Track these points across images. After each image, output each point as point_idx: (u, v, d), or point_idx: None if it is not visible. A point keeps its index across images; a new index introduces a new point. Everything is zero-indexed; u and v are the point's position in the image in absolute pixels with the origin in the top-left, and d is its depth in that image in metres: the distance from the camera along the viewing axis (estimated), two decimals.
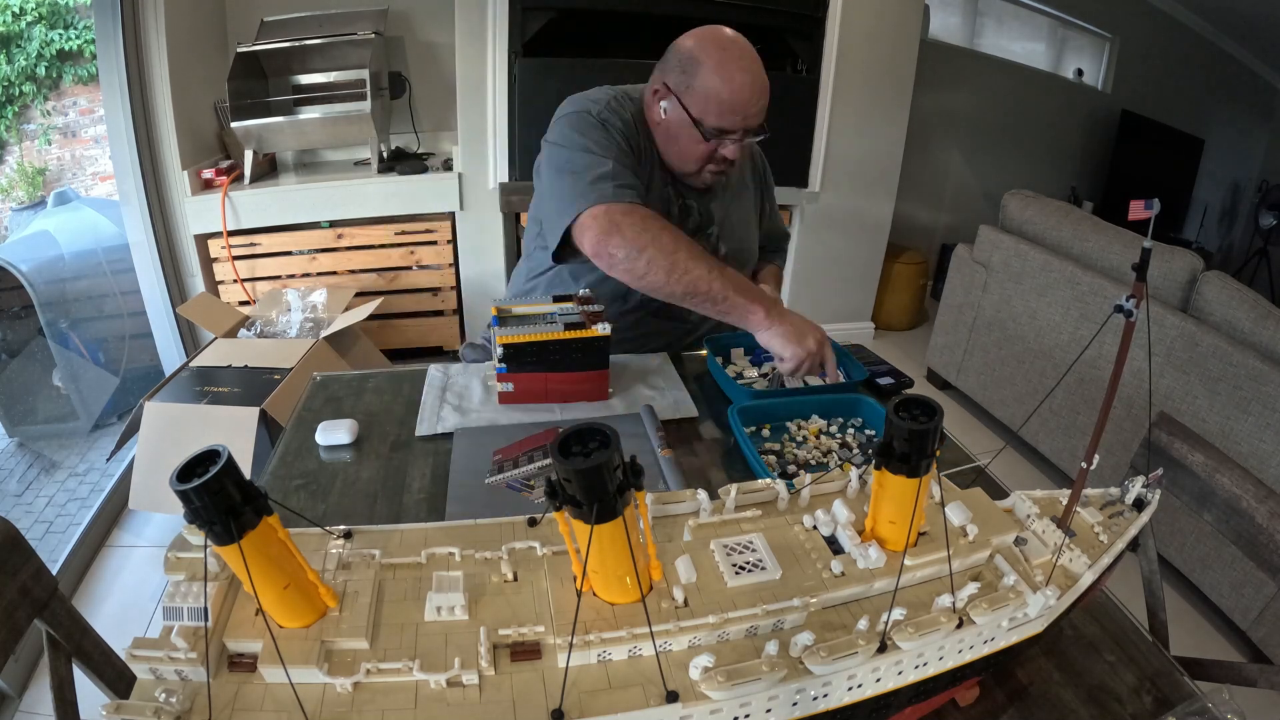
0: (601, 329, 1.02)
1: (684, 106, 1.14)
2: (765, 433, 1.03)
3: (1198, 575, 1.85)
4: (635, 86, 1.26)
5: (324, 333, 2.18)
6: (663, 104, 1.17)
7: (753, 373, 1.20)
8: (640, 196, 1.10)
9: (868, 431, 1.05)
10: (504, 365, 1.03)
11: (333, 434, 0.99)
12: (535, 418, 1.04)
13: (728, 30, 1.16)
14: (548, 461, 0.89)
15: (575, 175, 1.09)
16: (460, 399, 1.09)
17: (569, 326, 1.03)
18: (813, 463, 0.97)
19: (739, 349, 1.25)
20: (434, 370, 1.16)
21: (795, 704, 0.50)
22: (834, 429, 1.05)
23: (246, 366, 1.95)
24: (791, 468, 0.95)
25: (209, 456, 0.43)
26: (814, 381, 1.15)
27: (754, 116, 1.15)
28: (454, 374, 1.16)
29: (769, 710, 0.49)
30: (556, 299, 1.11)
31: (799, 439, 1.02)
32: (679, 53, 1.15)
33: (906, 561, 0.55)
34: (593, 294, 1.12)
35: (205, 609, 0.47)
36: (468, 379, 1.14)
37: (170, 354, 2.58)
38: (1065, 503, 0.64)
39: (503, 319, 1.05)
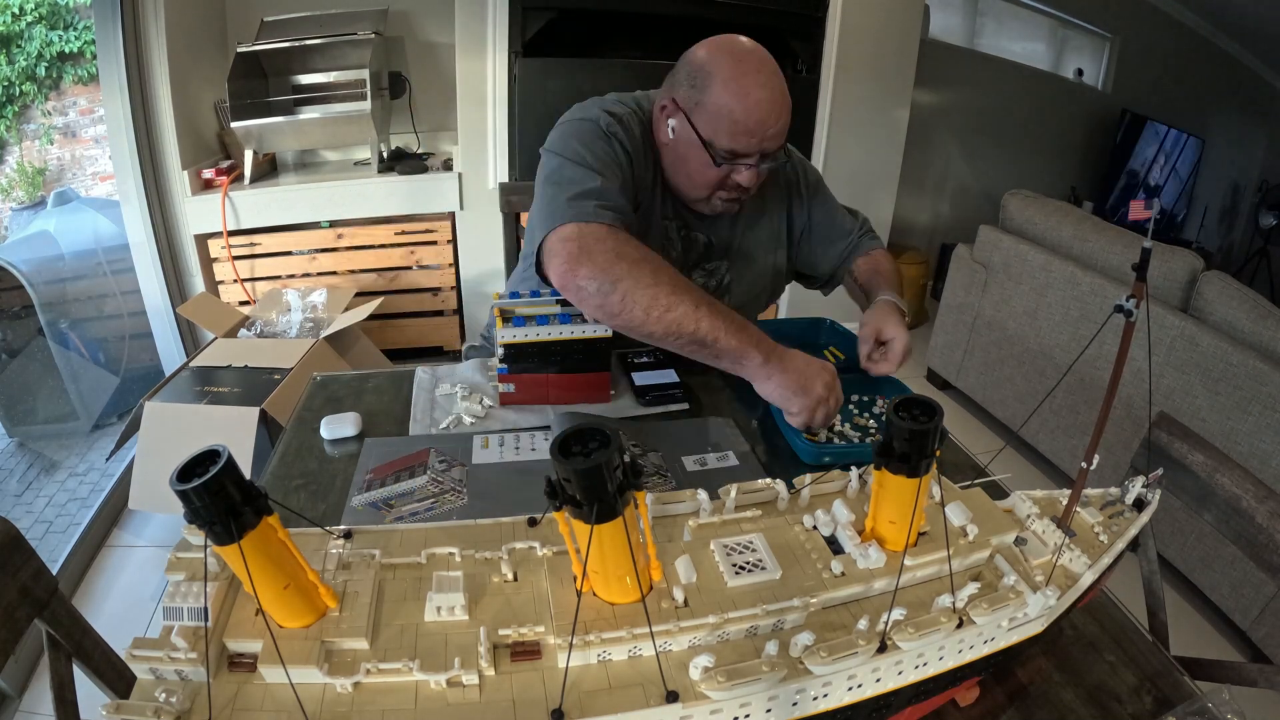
0: (602, 330, 1.02)
1: (693, 126, 1.03)
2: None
3: (1198, 575, 1.85)
4: (650, 94, 1.15)
5: (324, 333, 2.18)
6: (670, 122, 1.06)
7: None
8: (627, 221, 0.97)
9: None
10: (504, 366, 1.03)
11: (338, 427, 0.99)
12: (525, 420, 1.04)
13: (745, 40, 1.04)
14: (413, 482, 0.88)
15: (558, 188, 0.97)
16: (450, 400, 1.08)
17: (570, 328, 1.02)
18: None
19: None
20: (421, 372, 1.16)
21: (795, 704, 0.50)
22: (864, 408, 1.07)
23: (246, 366, 1.95)
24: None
25: (209, 456, 0.43)
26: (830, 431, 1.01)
27: (772, 139, 1.04)
28: (441, 375, 1.16)
29: (769, 710, 0.49)
30: (562, 302, 1.10)
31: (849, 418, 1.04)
32: (690, 65, 1.04)
33: (906, 561, 0.55)
34: None
35: (205, 609, 0.47)
36: (454, 381, 1.14)
37: (170, 354, 2.58)
38: (1065, 503, 0.64)
39: (505, 318, 1.04)
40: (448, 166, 2.70)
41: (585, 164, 0.99)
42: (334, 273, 2.69)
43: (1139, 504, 0.68)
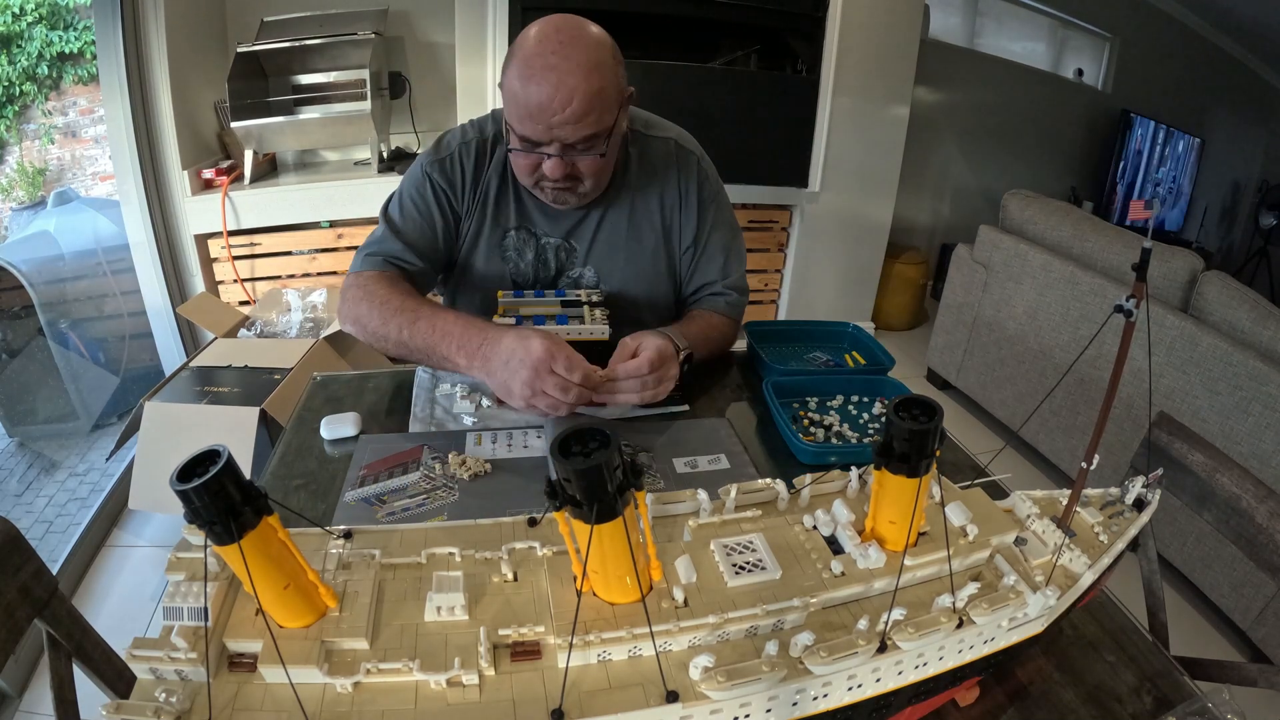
0: (599, 334, 1.01)
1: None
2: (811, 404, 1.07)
3: (1198, 575, 1.85)
4: None
5: (324, 333, 2.18)
6: None
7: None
8: (407, 262, 1.09)
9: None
10: None
11: (338, 427, 0.99)
12: (525, 420, 1.04)
13: (560, 20, 0.96)
14: (406, 479, 0.88)
15: (368, 242, 1.13)
16: (449, 399, 1.08)
17: (567, 329, 1.02)
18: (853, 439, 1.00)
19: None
20: (421, 371, 1.16)
21: (795, 704, 0.50)
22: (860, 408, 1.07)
23: (246, 366, 1.95)
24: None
25: (209, 456, 0.43)
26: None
27: (563, 128, 0.94)
28: (442, 375, 1.15)
29: (769, 710, 0.49)
30: (565, 303, 1.10)
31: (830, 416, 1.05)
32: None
33: (906, 561, 0.55)
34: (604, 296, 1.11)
35: (205, 609, 0.47)
36: (452, 380, 1.14)
37: (170, 354, 2.58)
38: (1065, 503, 0.64)
39: (505, 316, 1.04)
40: None
41: (393, 210, 1.13)
42: (334, 273, 2.68)
43: (1139, 504, 0.68)
